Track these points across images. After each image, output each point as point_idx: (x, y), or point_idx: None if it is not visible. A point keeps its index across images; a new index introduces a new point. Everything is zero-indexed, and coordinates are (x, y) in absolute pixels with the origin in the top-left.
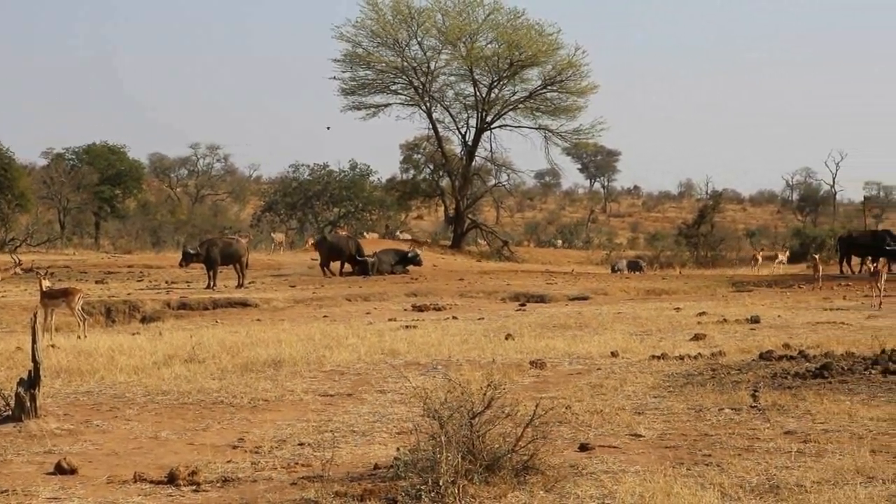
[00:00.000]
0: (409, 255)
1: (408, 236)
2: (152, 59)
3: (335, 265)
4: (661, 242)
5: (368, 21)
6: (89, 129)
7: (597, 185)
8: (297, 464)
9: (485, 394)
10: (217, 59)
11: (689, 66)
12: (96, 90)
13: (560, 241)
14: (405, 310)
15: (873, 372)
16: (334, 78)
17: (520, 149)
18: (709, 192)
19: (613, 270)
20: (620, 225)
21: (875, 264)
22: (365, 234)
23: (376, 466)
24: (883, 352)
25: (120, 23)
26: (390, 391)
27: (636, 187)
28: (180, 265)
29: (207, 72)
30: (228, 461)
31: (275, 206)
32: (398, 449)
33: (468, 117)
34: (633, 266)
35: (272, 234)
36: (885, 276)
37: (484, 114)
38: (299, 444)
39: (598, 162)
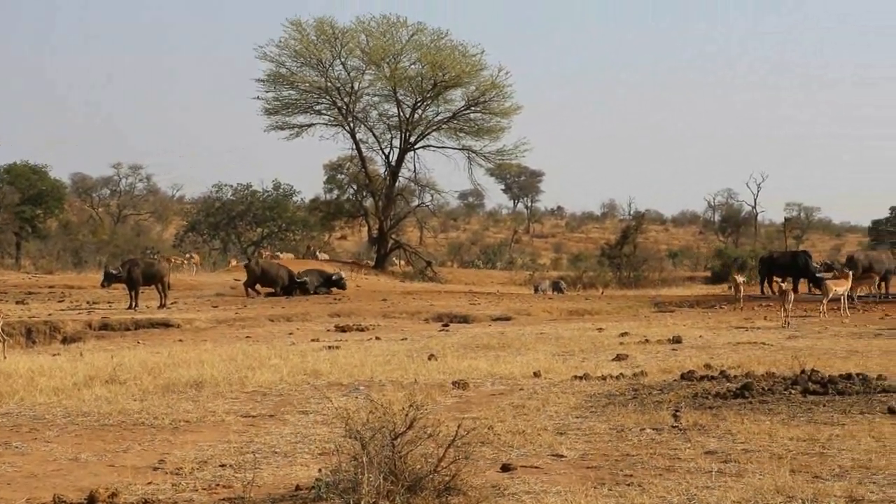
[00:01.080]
0: (334, 277)
1: (326, 256)
2: (78, 75)
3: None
4: (584, 263)
5: (292, 41)
6: (10, 148)
7: (520, 206)
8: (217, 485)
9: (407, 414)
10: (138, 78)
11: (612, 86)
12: (18, 108)
13: (483, 262)
14: (328, 330)
15: (793, 392)
16: (258, 98)
17: (443, 169)
18: (631, 212)
19: (536, 291)
20: (544, 245)
21: (782, 284)
22: (280, 254)
23: (298, 487)
24: (803, 372)
25: (42, 38)
26: (312, 412)
27: (559, 208)
28: (102, 285)
29: (130, 90)
30: (149, 483)
31: (198, 226)
32: (320, 470)
33: (392, 137)
34: (555, 287)
35: (189, 255)
36: (792, 297)
37: (407, 134)
38: (220, 466)
39: (521, 183)
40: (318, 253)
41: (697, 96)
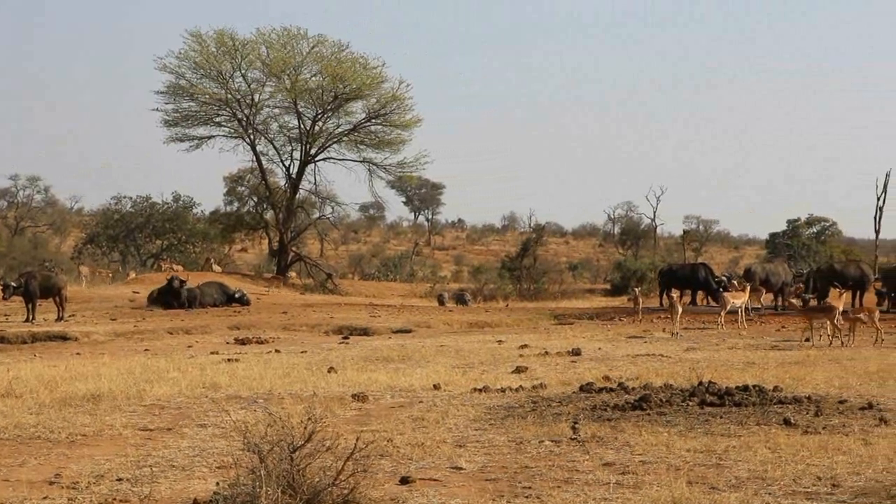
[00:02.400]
0: (236, 295)
1: (219, 269)
2: None
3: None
4: (484, 275)
5: (192, 53)
6: None
7: (421, 218)
8: (114, 499)
9: (305, 427)
10: (35, 89)
11: (511, 99)
12: None
13: (384, 274)
14: (228, 343)
15: (691, 403)
16: (157, 110)
17: (344, 181)
18: (532, 225)
19: (441, 302)
20: (445, 258)
21: (671, 296)
22: (174, 267)
23: (195, 501)
24: (700, 383)
25: None
26: (211, 425)
27: (460, 220)
28: (2, 298)
29: (27, 102)
30: (44, 497)
31: (96, 239)
32: (218, 483)
33: (292, 150)
34: (459, 299)
35: (80, 267)
36: (681, 309)
37: (308, 146)
38: (117, 480)
39: (422, 195)
40: (213, 265)
41: (596, 110)
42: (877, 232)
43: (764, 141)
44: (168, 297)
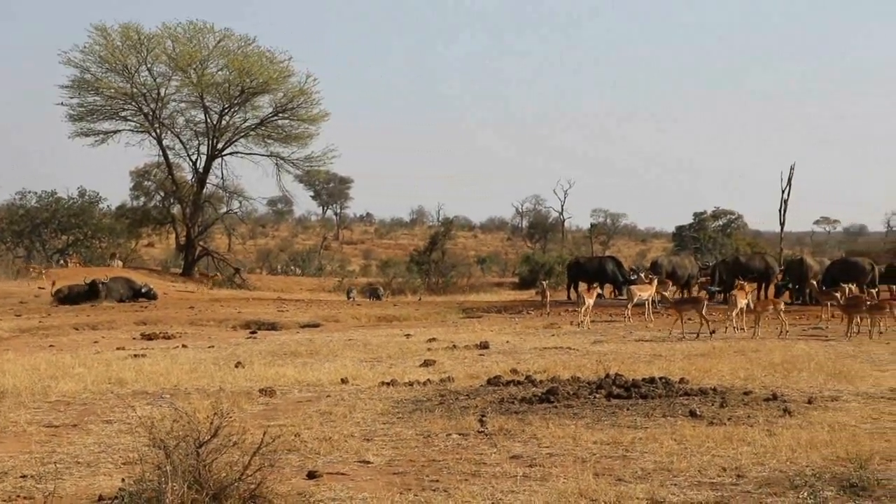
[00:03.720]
0: (143, 290)
1: (120, 263)
2: None
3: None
4: (393, 269)
5: (97, 46)
6: None
7: (329, 213)
8: (18, 497)
9: (212, 422)
10: None
11: (419, 93)
12: None
13: (292, 269)
14: (134, 338)
15: (597, 396)
16: (62, 104)
17: (252, 176)
18: (440, 219)
19: (349, 296)
20: (353, 252)
21: (577, 290)
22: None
23: (101, 498)
24: (607, 376)
25: None
26: (117, 421)
27: (369, 214)
28: None
29: None
30: None
31: (1, 234)
32: (123, 480)
33: (199, 144)
34: (372, 293)
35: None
36: (590, 301)
37: (215, 141)
38: (21, 477)
39: (330, 189)
40: (114, 260)
41: (504, 103)
42: (781, 225)
43: (671, 135)
44: (89, 298)
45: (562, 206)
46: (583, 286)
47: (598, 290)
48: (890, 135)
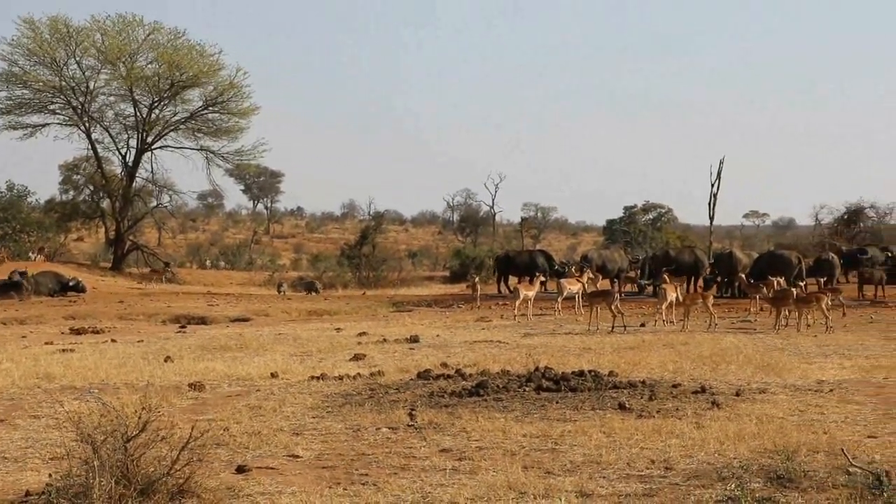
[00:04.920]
0: (71, 283)
1: (41, 257)
2: None
3: None
4: (323, 263)
5: (25, 39)
6: None
7: (260, 207)
8: None
9: (140, 417)
10: None
11: (351, 87)
12: None
13: (223, 263)
14: (63, 333)
15: (527, 389)
16: None
17: (182, 170)
18: (371, 213)
19: (279, 290)
20: (284, 246)
21: (507, 283)
22: None
23: (28, 493)
24: (537, 369)
25: None
26: (44, 416)
27: (299, 208)
28: None
29: None
30: None
31: None
32: (51, 475)
33: (129, 138)
34: (308, 287)
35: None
36: (528, 294)
37: (144, 134)
38: None
39: (260, 183)
40: (35, 255)
41: (434, 97)
42: (711, 218)
43: (600, 129)
44: (9, 290)
45: (493, 199)
46: (513, 279)
47: (542, 279)
48: (818, 129)
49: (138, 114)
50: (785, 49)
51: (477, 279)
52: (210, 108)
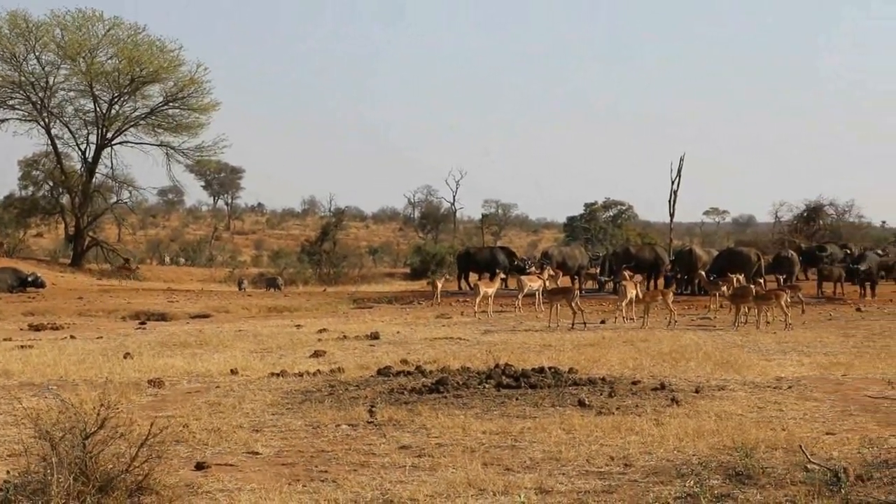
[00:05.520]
0: (30, 279)
1: (0, 253)
2: None
3: None
4: (284, 260)
5: None
6: None
7: (220, 203)
8: None
9: (98, 414)
10: None
11: (312, 83)
12: None
13: (182, 259)
14: (21, 329)
15: (487, 386)
16: None
17: (142, 166)
18: (332, 209)
19: (240, 287)
20: (244, 242)
21: (468, 280)
22: None
23: None
24: (497, 366)
25: None
26: (2, 413)
27: (260, 205)
28: None
29: None
30: None
31: None
32: (8, 472)
33: (88, 133)
34: (271, 283)
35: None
36: (489, 291)
37: (104, 130)
38: None
39: (221, 179)
40: None
41: (393, 93)
42: (671, 215)
43: (561, 126)
44: None
45: (454, 196)
46: (474, 276)
47: (503, 275)
48: (778, 127)
49: (98, 109)
50: (744, 48)
51: (438, 276)
52: (170, 104)
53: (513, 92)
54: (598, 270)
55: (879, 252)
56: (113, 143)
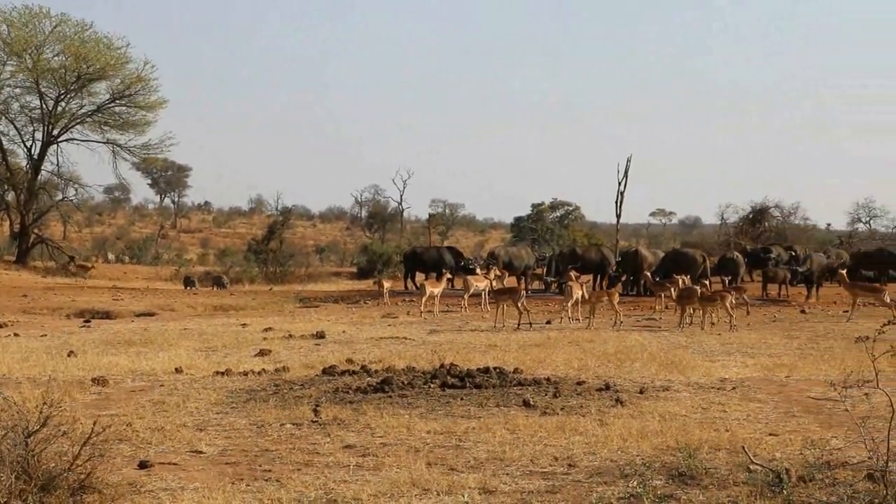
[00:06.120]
0: None
1: None
2: None
3: None
4: (230, 258)
5: None
6: None
7: (167, 201)
8: None
9: (41, 412)
10: None
11: (260, 82)
12: None
13: (124, 258)
14: None
15: (432, 386)
16: None
17: (88, 163)
18: (279, 208)
19: (187, 285)
20: (191, 241)
21: (414, 280)
22: None
23: None
24: (442, 366)
25: None
26: None
27: (207, 203)
28: None
29: None
30: None
31: None
32: None
33: (34, 130)
34: (216, 281)
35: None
36: (435, 291)
37: (50, 127)
38: None
39: (168, 177)
40: None
41: (341, 93)
42: (618, 216)
43: (509, 125)
44: None
45: (401, 195)
46: (420, 276)
47: (449, 275)
48: (724, 129)
49: (44, 106)
50: (688, 49)
51: (384, 275)
52: (117, 102)
53: (462, 90)
54: (544, 271)
55: (824, 254)
56: (59, 140)
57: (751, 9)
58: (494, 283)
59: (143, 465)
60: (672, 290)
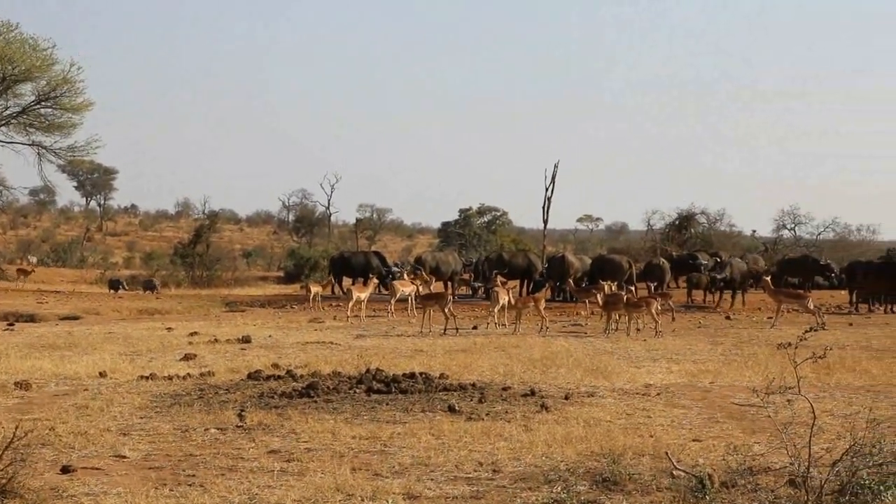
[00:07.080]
0: None
1: None
2: None
3: None
4: (157, 262)
5: None
6: None
7: (93, 204)
8: None
9: None
10: None
11: (184, 84)
12: None
13: (47, 261)
14: None
15: (357, 391)
16: None
17: (13, 165)
18: (206, 211)
19: (113, 288)
20: (117, 244)
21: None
22: None
23: None
24: (368, 371)
25: None
26: None
27: (133, 206)
28: None
29: None
30: None
31: None
32: None
33: None
34: (147, 285)
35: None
36: (361, 296)
37: None
38: None
39: (94, 180)
40: None
41: (270, 94)
42: (545, 222)
43: (437, 131)
44: None
45: (328, 200)
46: (347, 281)
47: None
48: (650, 135)
49: None
50: (615, 54)
51: (312, 280)
52: (43, 103)
53: (389, 95)
54: (471, 276)
55: (741, 259)
56: None
57: (674, 11)
58: (421, 289)
59: (65, 470)
60: (598, 295)
